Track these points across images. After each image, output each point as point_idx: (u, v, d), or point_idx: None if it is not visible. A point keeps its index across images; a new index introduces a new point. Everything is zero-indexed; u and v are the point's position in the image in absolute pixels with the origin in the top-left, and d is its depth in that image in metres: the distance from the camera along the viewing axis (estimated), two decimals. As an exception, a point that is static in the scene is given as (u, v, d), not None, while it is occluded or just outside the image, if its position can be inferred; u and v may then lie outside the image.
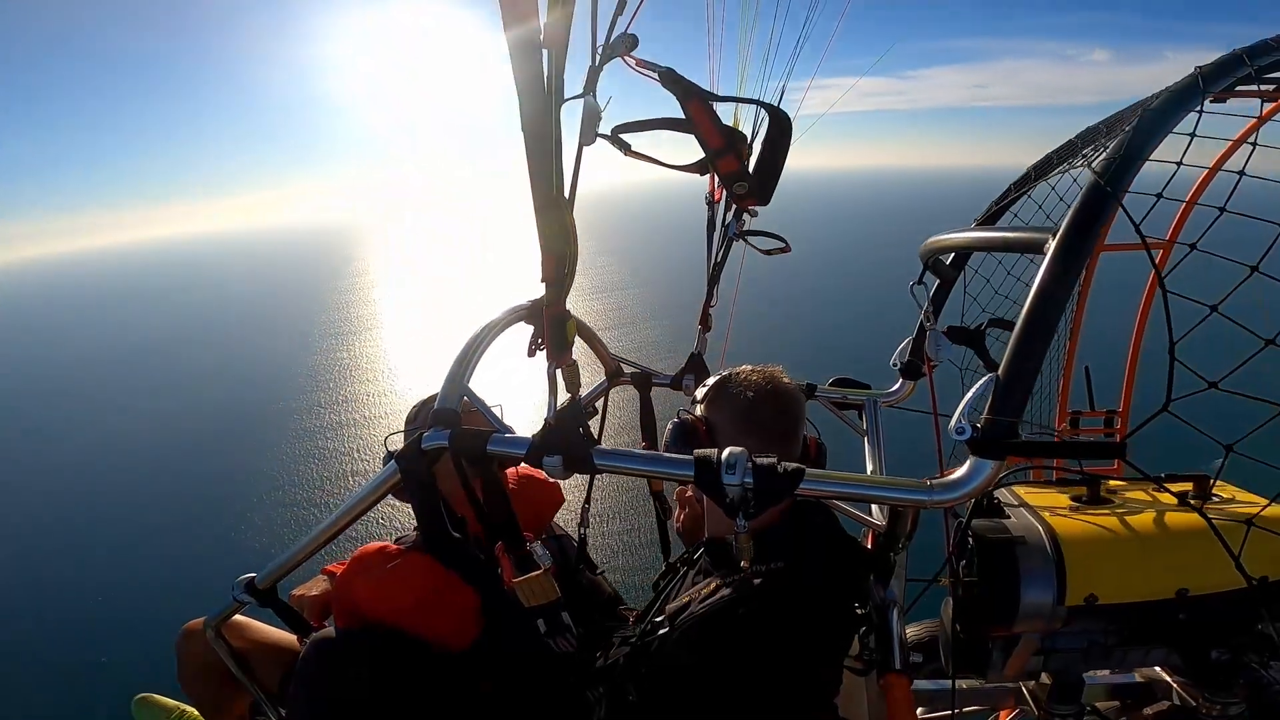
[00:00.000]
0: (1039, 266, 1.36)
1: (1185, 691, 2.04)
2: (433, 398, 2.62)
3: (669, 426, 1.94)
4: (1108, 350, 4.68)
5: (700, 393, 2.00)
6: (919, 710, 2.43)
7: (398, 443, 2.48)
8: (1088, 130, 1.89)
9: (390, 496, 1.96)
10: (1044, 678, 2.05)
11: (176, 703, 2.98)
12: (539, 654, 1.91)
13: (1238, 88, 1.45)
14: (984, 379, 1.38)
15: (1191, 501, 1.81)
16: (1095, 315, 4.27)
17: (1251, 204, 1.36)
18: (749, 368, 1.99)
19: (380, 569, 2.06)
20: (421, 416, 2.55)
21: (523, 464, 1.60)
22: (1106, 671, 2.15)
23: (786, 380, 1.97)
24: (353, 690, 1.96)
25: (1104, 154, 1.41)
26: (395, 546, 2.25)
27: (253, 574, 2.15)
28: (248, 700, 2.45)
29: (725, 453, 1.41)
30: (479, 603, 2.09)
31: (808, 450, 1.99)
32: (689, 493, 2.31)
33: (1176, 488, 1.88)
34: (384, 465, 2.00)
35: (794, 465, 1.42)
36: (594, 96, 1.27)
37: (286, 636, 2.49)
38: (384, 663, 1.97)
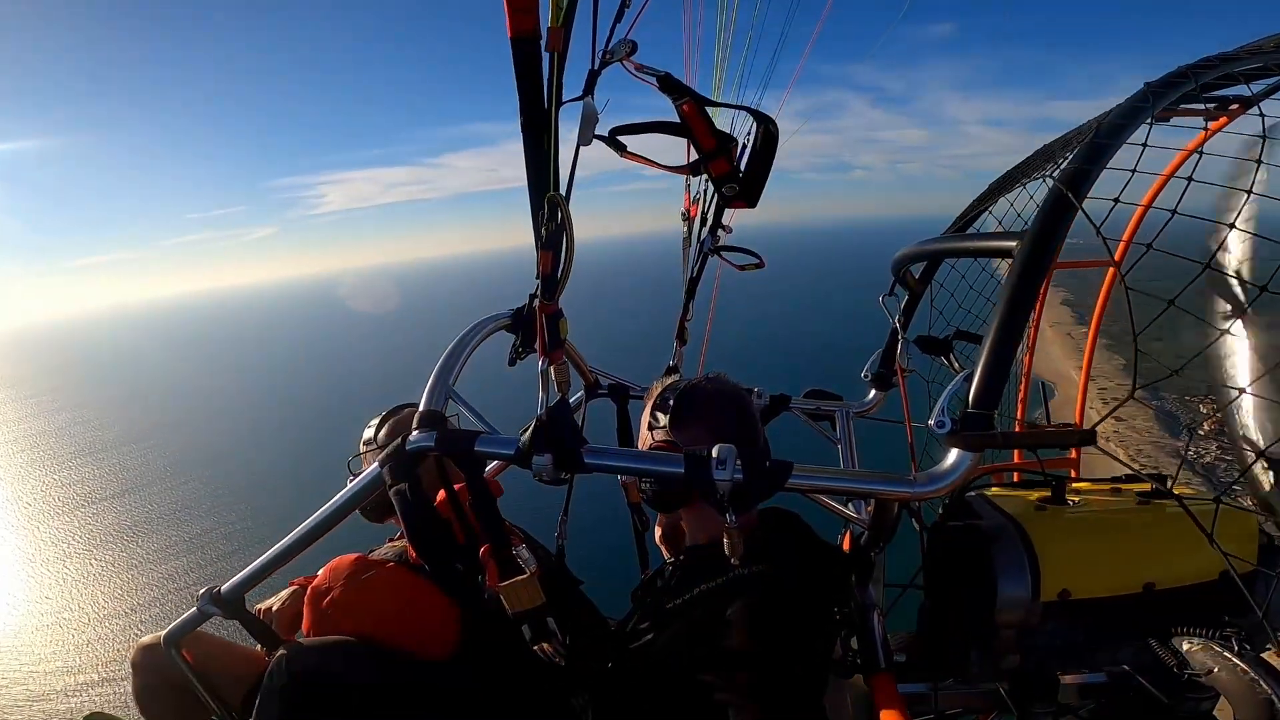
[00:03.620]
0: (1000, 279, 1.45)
1: (1156, 689, 2.09)
2: (395, 409, 2.61)
3: None
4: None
5: (660, 417, 1.96)
6: None
7: (358, 464, 2.44)
8: (1045, 147, 2.02)
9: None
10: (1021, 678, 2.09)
11: None
12: (523, 661, 1.88)
13: (1183, 105, 1.57)
14: (958, 376, 1.45)
15: (1161, 490, 1.89)
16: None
17: (1200, 211, 1.47)
18: (698, 379, 1.98)
19: (357, 580, 2.02)
20: (389, 428, 2.53)
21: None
22: (1082, 672, 2.20)
23: (737, 386, 1.99)
24: (326, 705, 1.90)
25: (1063, 165, 1.52)
26: (371, 558, 2.21)
27: (216, 585, 2.08)
28: (206, 718, 2.34)
29: (715, 449, 1.45)
30: (459, 611, 2.06)
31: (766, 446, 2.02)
32: None
33: (1138, 486, 1.97)
34: (349, 483, 1.97)
35: (782, 460, 1.46)
36: (592, 99, 1.32)
37: (248, 650, 2.39)
38: (359, 674, 1.92)
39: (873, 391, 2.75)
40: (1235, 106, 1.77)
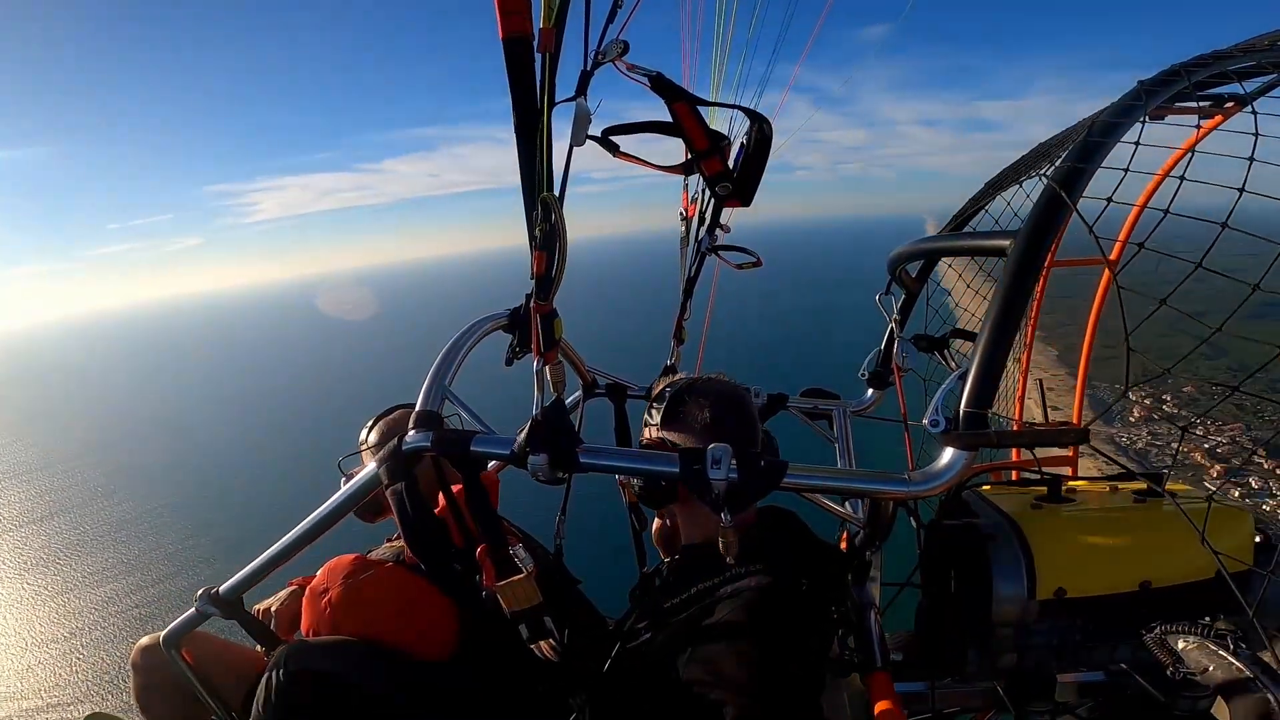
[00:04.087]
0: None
1: (1152, 687, 2.10)
2: (390, 410, 2.62)
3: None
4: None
5: (654, 414, 1.98)
6: None
7: (352, 464, 2.45)
8: (1039, 146, 2.02)
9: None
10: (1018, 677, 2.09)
11: None
12: (521, 661, 1.88)
13: (1177, 104, 1.57)
14: (952, 375, 1.45)
15: (1156, 489, 1.89)
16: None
17: (1193, 210, 1.47)
18: (696, 379, 1.98)
19: (355, 580, 2.03)
20: (381, 429, 2.53)
21: None
22: (1078, 671, 2.21)
23: (734, 386, 1.98)
24: (325, 705, 1.91)
25: (1057, 164, 1.52)
26: (369, 558, 2.21)
27: (215, 585, 2.09)
28: (206, 718, 2.35)
29: (711, 448, 1.45)
30: (457, 611, 2.07)
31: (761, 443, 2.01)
32: None
33: (1133, 485, 1.97)
34: (343, 485, 1.98)
35: (778, 459, 1.46)
36: (585, 99, 1.32)
37: (247, 650, 2.40)
38: (358, 674, 1.92)
39: (870, 390, 2.75)
40: (1230, 105, 1.77)
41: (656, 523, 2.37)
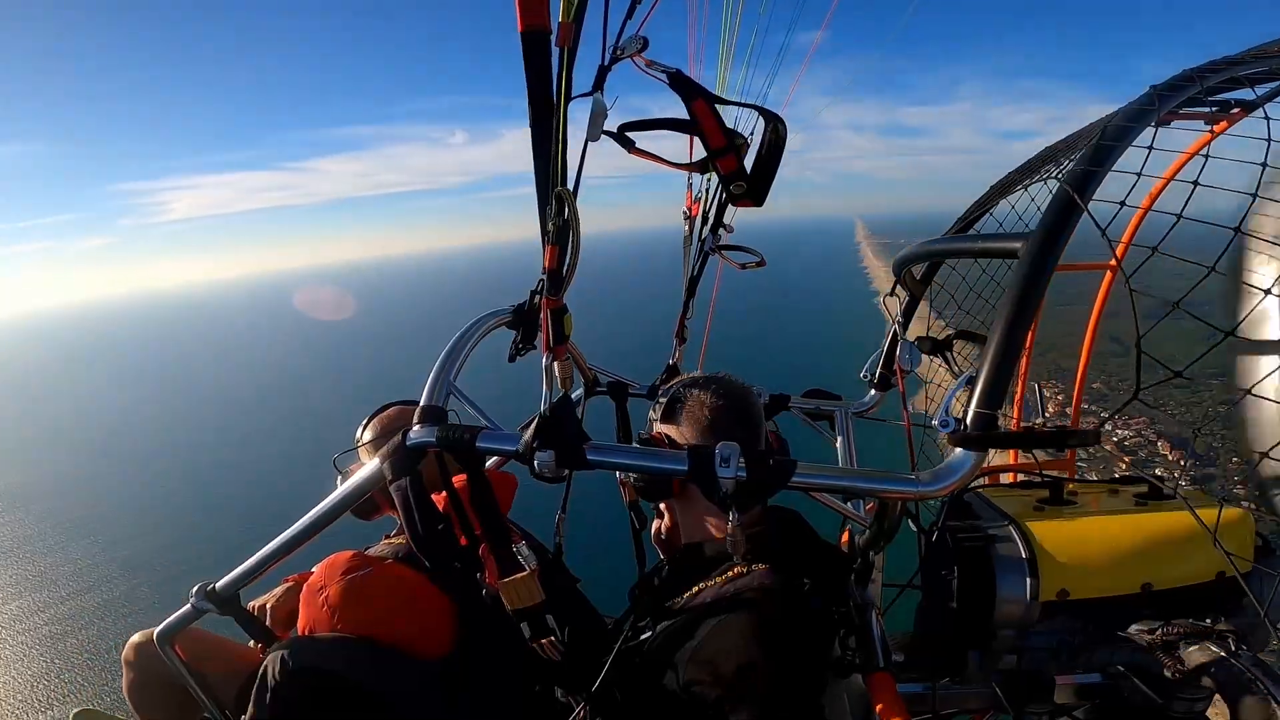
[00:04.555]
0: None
1: (1150, 689, 2.11)
2: (384, 407, 2.60)
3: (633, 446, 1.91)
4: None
5: (656, 410, 1.97)
6: None
7: (347, 461, 2.43)
8: (1046, 150, 2.03)
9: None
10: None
11: (120, 718, 2.79)
12: (521, 659, 1.87)
13: (1184, 109, 1.58)
14: (962, 376, 1.45)
15: (1164, 489, 1.91)
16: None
17: (1200, 214, 1.48)
18: (700, 377, 1.97)
19: (353, 577, 2.01)
20: (377, 426, 2.51)
21: None
22: (1076, 673, 2.22)
23: (739, 384, 1.96)
24: (322, 701, 1.89)
25: (1070, 165, 1.52)
26: (368, 554, 2.20)
27: (211, 581, 2.06)
28: (198, 715, 2.32)
29: (720, 446, 1.44)
30: (455, 609, 2.06)
31: (770, 444, 2.01)
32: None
33: (1135, 487, 1.98)
34: (339, 483, 1.96)
35: (786, 459, 1.45)
36: (602, 94, 1.31)
37: (242, 647, 2.38)
38: (355, 671, 1.91)
39: (872, 391, 2.76)
40: (1237, 110, 1.79)
41: (656, 522, 2.36)
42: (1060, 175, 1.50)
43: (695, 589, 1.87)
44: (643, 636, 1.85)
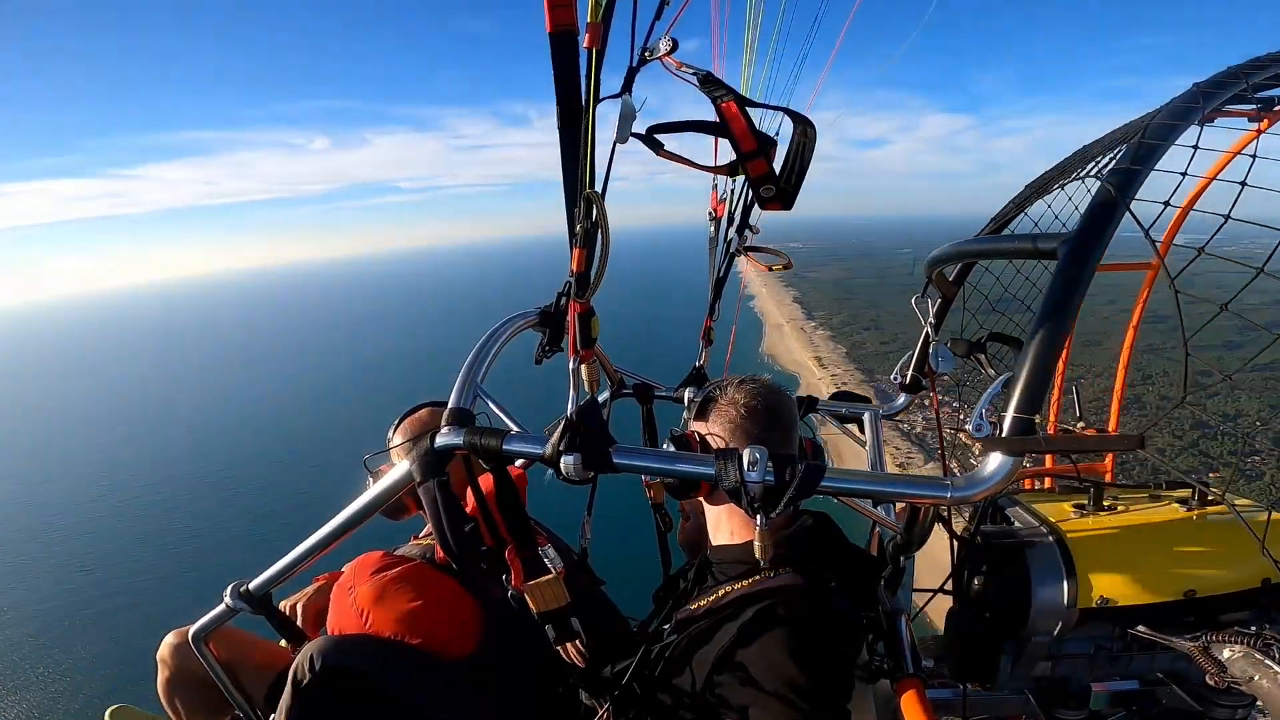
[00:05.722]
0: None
1: (1189, 696, 2.06)
2: (414, 409, 2.61)
3: (665, 444, 1.91)
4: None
5: (690, 410, 1.97)
6: None
7: (378, 462, 2.45)
8: (1083, 149, 1.98)
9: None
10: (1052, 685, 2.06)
11: (154, 715, 2.85)
12: (546, 661, 1.88)
13: (1228, 107, 1.53)
14: (998, 380, 1.42)
15: (1212, 496, 1.86)
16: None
17: (1246, 214, 1.43)
18: (735, 379, 1.95)
19: (383, 577, 2.03)
20: (407, 428, 2.52)
21: None
22: (1112, 680, 2.17)
23: (774, 387, 1.94)
24: (351, 700, 1.91)
25: (1112, 164, 1.48)
26: (396, 555, 2.21)
27: (244, 581, 2.09)
28: (230, 712, 2.36)
29: (746, 451, 1.42)
30: (483, 611, 2.06)
31: (804, 451, 1.98)
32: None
33: (1180, 492, 1.93)
34: (370, 483, 1.97)
35: (815, 463, 1.43)
36: (630, 96, 1.30)
37: (271, 645, 2.41)
38: (383, 670, 1.92)
39: (902, 395, 2.73)
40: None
41: (683, 524, 2.35)
42: (1099, 174, 1.46)
43: (721, 591, 1.85)
44: (668, 640, 1.84)
